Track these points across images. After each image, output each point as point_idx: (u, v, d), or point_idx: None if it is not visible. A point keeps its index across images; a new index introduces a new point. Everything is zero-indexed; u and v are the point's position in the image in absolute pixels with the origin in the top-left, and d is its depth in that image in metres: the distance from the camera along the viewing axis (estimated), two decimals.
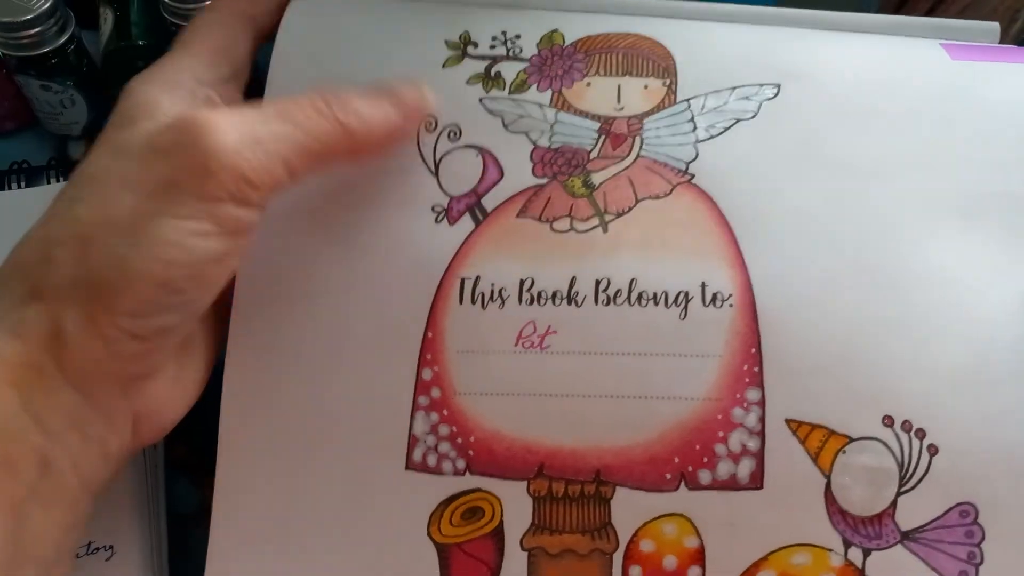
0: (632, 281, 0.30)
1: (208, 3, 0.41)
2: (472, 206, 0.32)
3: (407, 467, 0.29)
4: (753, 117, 0.32)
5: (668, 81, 0.33)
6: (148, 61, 0.44)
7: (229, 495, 0.29)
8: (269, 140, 0.27)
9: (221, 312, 0.32)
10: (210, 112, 0.27)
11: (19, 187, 0.42)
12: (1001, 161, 0.30)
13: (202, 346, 0.31)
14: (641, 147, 0.32)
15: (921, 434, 0.27)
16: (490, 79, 0.34)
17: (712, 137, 0.32)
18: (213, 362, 0.32)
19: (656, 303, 0.29)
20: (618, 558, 0.27)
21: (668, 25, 0.35)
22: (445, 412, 0.30)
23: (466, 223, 0.32)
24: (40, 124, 0.45)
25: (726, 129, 0.32)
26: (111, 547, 0.34)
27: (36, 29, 0.40)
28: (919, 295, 0.28)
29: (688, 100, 0.32)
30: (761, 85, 0.32)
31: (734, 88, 0.32)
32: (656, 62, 0.34)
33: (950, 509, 0.26)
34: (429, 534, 0.28)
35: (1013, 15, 0.28)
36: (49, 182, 0.43)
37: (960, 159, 0.31)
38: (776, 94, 0.32)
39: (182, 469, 0.38)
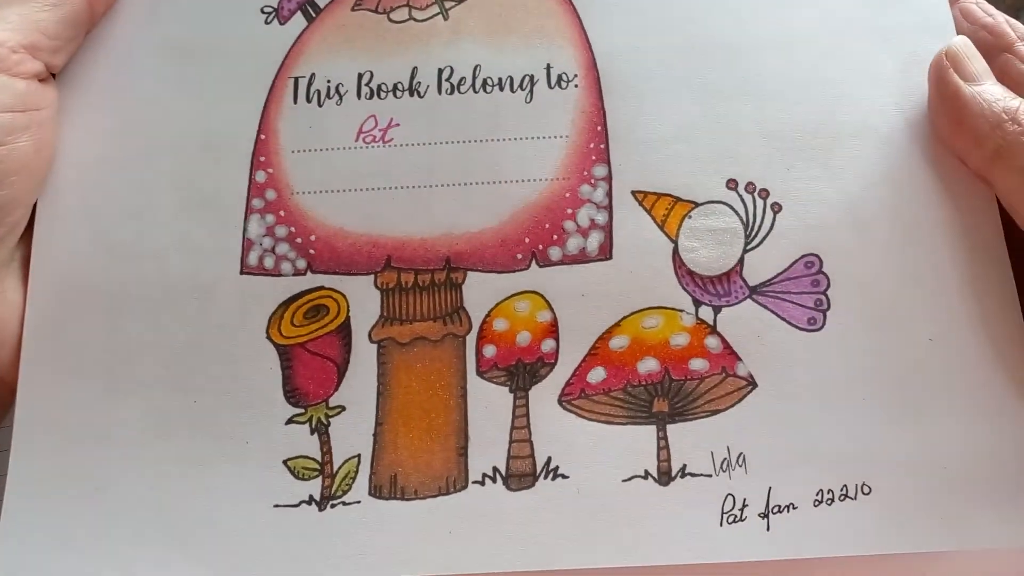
0: (476, 68, 0.30)
1: None
2: (304, 3, 0.32)
3: (242, 271, 0.28)
4: None
5: None
6: None
7: (40, 320, 0.28)
8: (6, 7, 0.27)
9: None
10: None
11: None
12: None
13: None
14: None
15: (765, 194, 0.28)
16: None
17: None
18: None
19: (501, 88, 0.30)
20: (471, 340, 0.27)
21: None
22: (282, 213, 0.29)
23: (298, 21, 0.31)
24: None
25: None
26: None
27: None
28: (761, 60, 0.30)
29: None
30: None
31: None
32: None
33: (796, 261, 0.27)
34: (268, 336, 0.28)
35: (1014, 14, 0.30)
36: None
37: None
38: None
39: None
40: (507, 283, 0.28)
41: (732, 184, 0.28)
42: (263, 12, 0.31)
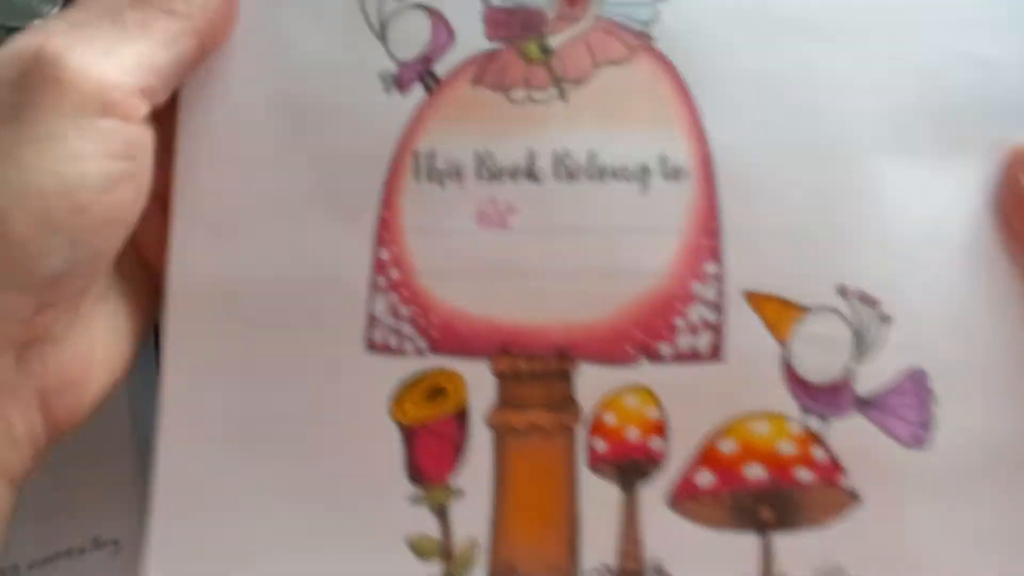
0: (591, 154, 0.30)
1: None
2: (423, 73, 0.32)
3: (367, 349, 0.30)
4: None
5: None
6: None
7: (179, 388, 0.30)
8: (123, 46, 0.27)
9: (149, 262, 0.31)
10: (53, 30, 0.26)
11: None
12: (969, 19, 0.31)
13: (124, 306, 0.29)
14: (599, 6, 0.32)
15: (875, 303, 0.28)
16: None
17: None
18: (145, 326, 0.29)
19: (616, 177, 0.30)
20: (582, 432, 0.29)
21: None
22: (405, 292, 0.30)
23: (417, 92, 0.32)
24: None
25: None
26: (116, 542, 0.34)
27: None
28: (878, 163, 0.30)
29: None
30: None
31: None
32: None
33: (903, 375, 0.28)
34: (392, 415, 0.29)
35: None
36: None
37: (928, 14, 0.31)
38: None
39: None
40: (618, 376, 0.29)
41: (843, 291, 0.29)
42: (381, 79, 0.32)
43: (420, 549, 0.29)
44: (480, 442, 0.29)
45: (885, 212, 0.29)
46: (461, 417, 0.30)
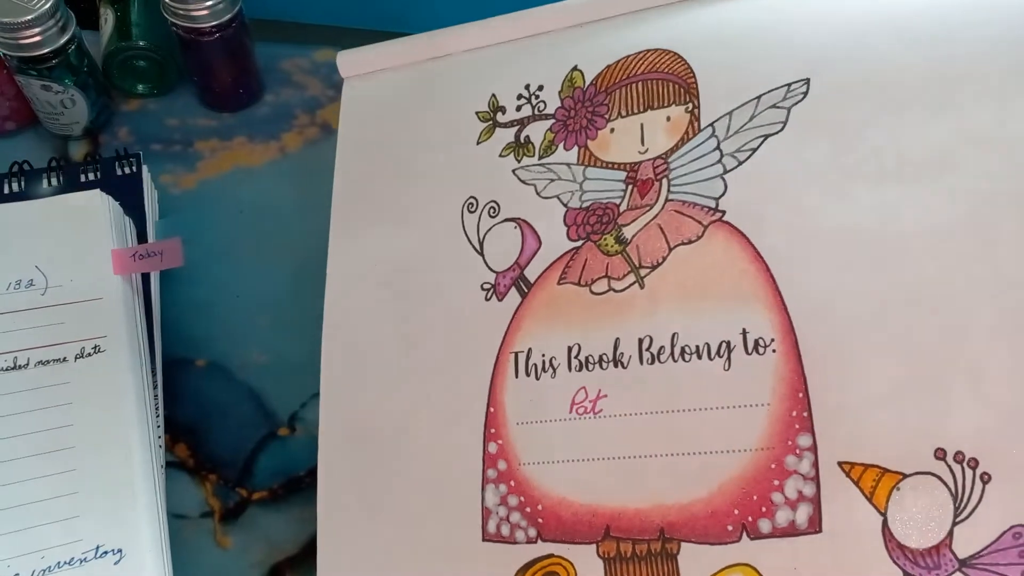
0: (674, 336, 0.33)
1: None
2: (516, 279, 0.36)
3: (484, 539, 0.33)
4: (782, 129, 0.33)
5: (690, 106, 0.35)
6: (148, 61, 0.47)
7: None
8: None
9: None
10: None
11: (19, 188, 0.42)
12: None
13: None
14: (668, 190, 0.35)
15: (974, 464, 0.28)
16: (520, 146, 0.37)
17: (740, 164, 0.33)
18: None
19: (699, 356, 0.32)
20: None
21: (681, 23, 0.36)
22: (512, 483, 0.33)
23: (513, 297, 0.36)
24: (41, 125, 0.46)
25: (754, 151, 0.33)
26: (120, 550, 0.34)
27: (37, 29, 0.41)
28: (970, 315, 0.29)
29: (712, 124, 0.34)
30: (789, 85, 0.33)
31: (760, 96, 0.34)
32: (676, 85, 0.35)
33: (1004, 533, 0.27)
34: None
35: None
36: (49, 183, 0.43)
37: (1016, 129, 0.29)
38: (806, 94, 0.33)
39: (183, 469, 0.40)
40: (721, 554, 0.30)
41: (940, 453, 0.28)
42: (483, 289, 0.36)
43: None
44: None
45: (984, 365, 0.28)
46: None
